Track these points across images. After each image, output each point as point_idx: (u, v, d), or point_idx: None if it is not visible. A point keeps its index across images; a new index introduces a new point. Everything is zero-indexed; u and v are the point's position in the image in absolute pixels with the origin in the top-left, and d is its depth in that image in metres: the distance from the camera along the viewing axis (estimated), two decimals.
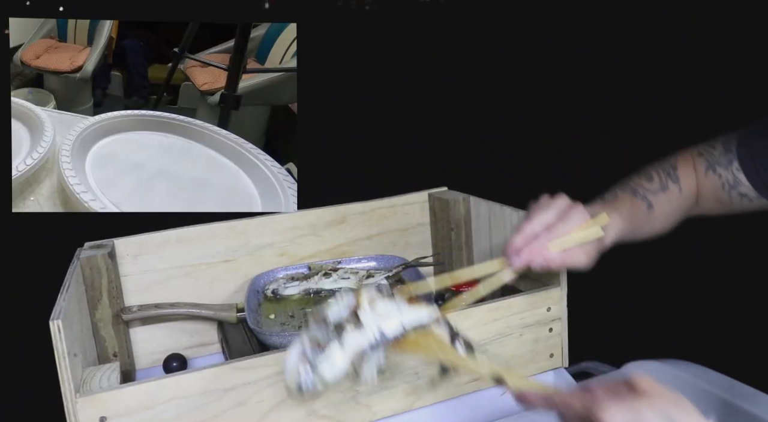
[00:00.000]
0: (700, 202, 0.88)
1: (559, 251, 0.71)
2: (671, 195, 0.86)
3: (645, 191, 0.85)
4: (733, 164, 0.83)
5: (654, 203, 0.84)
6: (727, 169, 0.83)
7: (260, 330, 0.92)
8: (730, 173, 0.83)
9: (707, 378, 0.98)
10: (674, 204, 0.86)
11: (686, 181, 0.87)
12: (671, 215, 0.86)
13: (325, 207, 1.13)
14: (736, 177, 0.82)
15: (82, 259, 0.91)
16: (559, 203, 0.73)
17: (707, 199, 0.87)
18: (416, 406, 0.88)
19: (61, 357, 0.70)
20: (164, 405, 0.74)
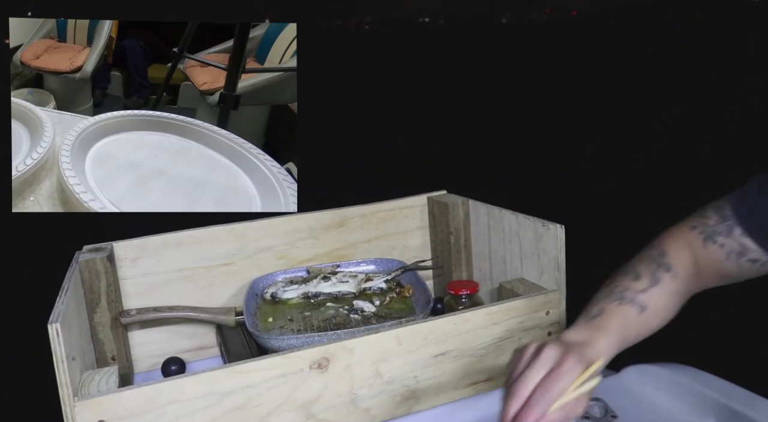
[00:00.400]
0: (701, 278, 0.81)
1: (558, 408, 0.66)
2: (665, 287, 0.79)
3: (634, 294, 0.78)
4: (735, 231, 0.76)
5: (647, 304, 0.77)
6: (729, 237, 0.77)
7: (259, 334, 0.92)
8: (734, 240, 0.77)
9: (705, 382, 0.98)
10: (670, 295, 0.79)
11: (680, 263, 0.80)
12: (670, 307, 0.80)
13: (324, 210, 1.13)
14: (742, 244, 0.76)
15: (80, 262, 0.91)
16: (547, 358, 0.67)
17: (709, 274, 0.81)
18: (414, 410, 0.88)
19: (59, 360, 0.70)
20: (162, 409, 0.74)
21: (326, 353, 0.81)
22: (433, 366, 0.87)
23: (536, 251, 0.98)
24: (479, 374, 0.90)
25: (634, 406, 0.98)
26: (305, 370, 0.80)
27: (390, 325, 0.89)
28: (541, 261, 0.97)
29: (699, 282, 0.81)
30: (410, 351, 0.85)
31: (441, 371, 0.88)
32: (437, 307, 1.08)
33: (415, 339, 0.85)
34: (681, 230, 0.82)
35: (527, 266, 1.00)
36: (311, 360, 0.80)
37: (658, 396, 1.00)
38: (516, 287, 0.99)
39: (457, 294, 1.01)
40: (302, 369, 0.80)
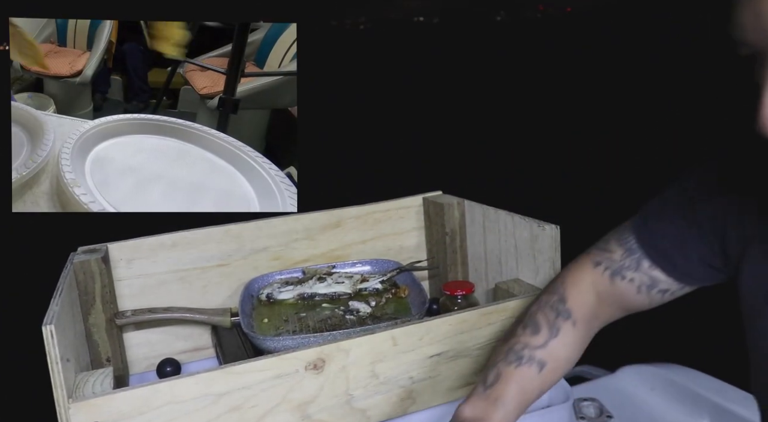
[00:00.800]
0: (605, 315, 0.78)
1: None
2: (565, 337, 0.75)
3: (532, 351, 0.75)
4: (643, 264, 0.73)
5: (546, 360, 0.75)
6: (638, 271, 0.73)
7: (254, 335, 0.92)
8: (643, 274, 0.73)
9: (700, 381, 0.98)
10: (571, 344, 0.76)
11: (580, 308, 0.77)
12: (571, 356, 0.77)
13: (320, 211, 1.13)
14: (652, 276, 0.73)
15: (75, 264, 0.91)
16: None
17: (615, 309, 0.77)
18: (411, 411, 0.88)
19: (53, 362, 0.70)
20: (158, 410, 0.74)
21: (322, 354, 0.81)
22: (429, 366, 0.87)
23: (532, 252, 0.98)
24: (475, 375, 0.90)
25: (630, 406, 0.98)
26: (301, 371, 0.80)
27: (386, 326, 0.89)
28: (537, 262, 0.97)
29: (602, 321, 0.79)
30: (406, 351, 0.85)
31: (437, 372, 0.88)
32: (433, 308, 1.08)
33: (410, 339, 0.85)
34: (583, 268, 0.78)
35: (523, 266, 1.00)
36: (307, 360, 0.80)
37: (653, 396, 1.00)
38: (511, 288, 0.99)
39: (453, 295, 1.01)
40: (298, 370, 0.79)
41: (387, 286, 1.09)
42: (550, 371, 0.75)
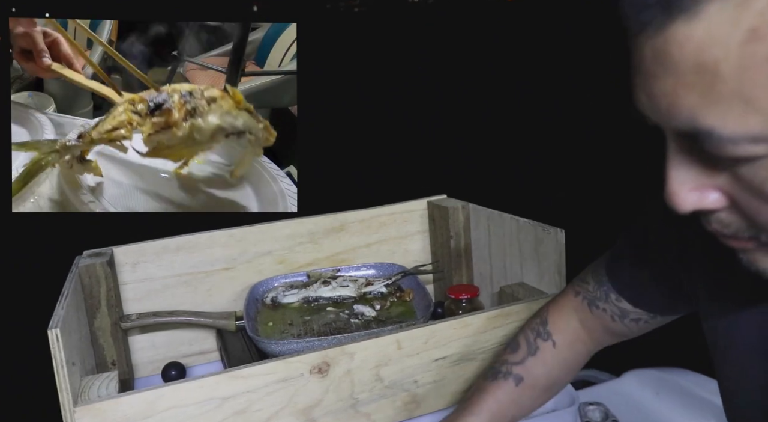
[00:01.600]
0: (595, 339, 0.79)
1: None
2: (544, 355, 0.78)
3: (509, 367, 0.78)
4: (611, 296, 0.74)
5: (523, 375, 0.77)
6: (607, 302, 0.75)
7: (259, 338, 0.92)
8: (612, 304, 0.75)
9: (706, 386, 0.98)
10: (551, 362, 0.78)
11: (562, 330, 0.79)
12: (554, 375, 0.79)
13: (324, 215, 1.13)
14: (620, 307, 0.74)
15: (80, 267, 0.91)
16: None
17: (601, 334, 0.79)
18: (415, 415, 0.88)
19: (59, 365, 0.70)
20: (163, 414, 0.74)
21: (326, 357, 0.80)
22: (434, 370, 0.87)
23: (536, 255, 0.98)
24: None
25: (635, 411, 0.98)
26: (305, 375, 0.80)
27: (390, 329, 0.88)
28: (542, 265, 0.97)
29: (593, 344, 0.80)
30: (410, 355, 0.85)
31: (441, 375, 0.88)
32: (437, 311, 1.08)
33: (415, 343, 0.85)
34: (565, 296, 0.81)
35: (527, 270, 1.00)
36: (311, 364, 0.80)
37: (659, 401, 1.00)
38: (516, 292, 0.99)
39: (458, 298, 1.01)
40: (302, 374, 0.79)
41: (391, 290, 1.09)
42: (528, 386, 0.77)
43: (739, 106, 0.36)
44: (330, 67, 1.79)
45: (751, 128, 0.36)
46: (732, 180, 0.41)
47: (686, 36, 0.36)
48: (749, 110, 0.36)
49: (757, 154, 0.37)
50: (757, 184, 0.39)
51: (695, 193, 0.42)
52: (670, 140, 0.42)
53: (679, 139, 0.40)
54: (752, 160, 0.38)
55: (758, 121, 0.36)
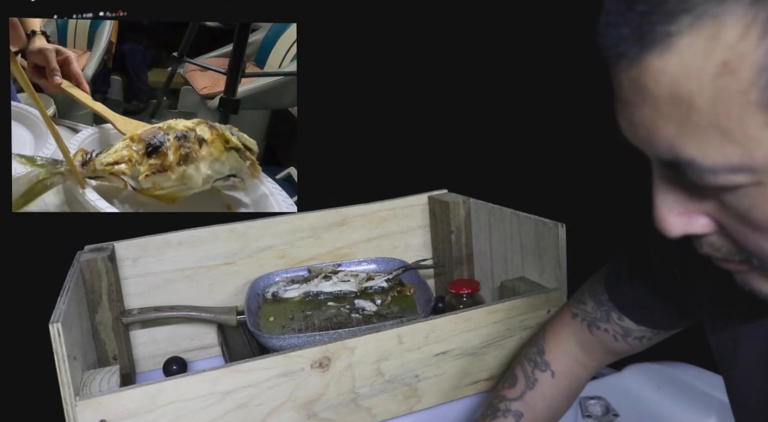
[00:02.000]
0: (593, 359, 0.79)
1: None
2: (543, 387, 0.77)
3: (508, 403, 0.76)
4: (612, 316, 0.74)
5: (523, 411, 0.76)
6: (608, 322, 0.74)
7: (260, 333, 0.92)
8: (614, 324, 0.74)
9: (707, 380, 0.98)
10: (551, 394, 0.77)
11: (560, 359, 0.78)
12: (555, 406, 0.78)
13: (325, 210, 1.13)
14: (623, 326, 0.73)
15: (82, 262, 0.91)
16: None
17: (602, 354, 0.78)
18: (416, 409, 0.88)
19: (60, 360, 0.70)
20: (164, 408, 0.74)
21: (327, 352, 0.81)
22: (435, 364, 0.87)
23: (537, 250, 0.98)
24: (480, 373, 0.90)
25: (636, 404, 0.98)
26: (306, 369, 0.80)
27: (391, 324, 0.89)
28: (543, 260, 0.97)
29: (593, 366, 0.79)
30: (411, 349, 0.85)
31: (442, 370, 0.88)
32: (438, 306, 1.08)
33: (416, 337, 0.85)
34: (562, 319, 0.80)
35: (528, 264, 1.00)
36: (312, 359, 0.80)
37: (660, 395, 1.00)
38: (517, 286, 0.99)
39: (458, 293, 1.01)
40: (303, 368, 0.80)
41: (392, 284, 1.09)
42: (529, 420, 0.76)
43: (716, 137, 0.36)
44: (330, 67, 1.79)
45: (729, 159, 0.36)
46: (718, 207, 0.41)
47: (660, 69, 0.36)
48: (726, 140, 0.36)
49: (739, 183, 0.37)
50: (742, 211, 0.39)
51: (683, 218, 0.42)
52: (654, 166, 0.42)
53: (663, 166, 0.40)
54: (735, 188, 0.38)
55: (736, 151, 0.36)
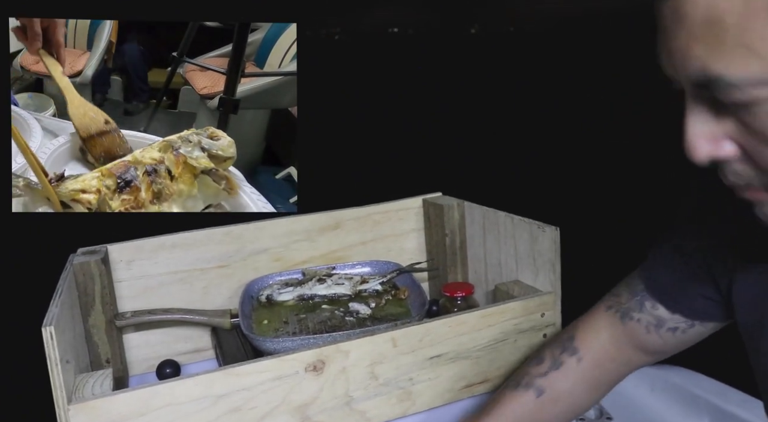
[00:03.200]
0: (624, 355, 0.79)
1: None
2: (567, 371, 0.77)
3: (531, 378, 0.78)
4: (646, 305, 0.74)
5: (545, 388, 0.77)
6: (641, 311, 0.75)
7: (254, 336, 0.92)
8: (647, 313, 0.74)
9: (700, 383, 0.98)
10: (576, 380, 0.77)
11: (589, 347, 0.78)
12: (578, 392, 0.78)
13: (320, 213, 1.13)
14: (656, 316, 0.74)
15: (75, 265, 0.91)
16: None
17: (633, 351, 0.78)
18: (410, 412, 0.88)
19: (53, 363, 0.69)
20: (157, 412, 0.74)
21: (321, 355, 0.80)
22: (429, 368, 0.87)
23: (531, 253, 0.98)
24: (475, 376, 0.90)
25: (629, 407, 0.98)
26: (300, 373, 0.80)
27: (385, 327, 0.89)
28: (537, 263, 0.97)
29: (624, 363, 0.79)
30: (405, 353, 0.85)
31: (436, 373, 0.88)
32: (432, 309, 1.08)
33: (410, 341, 0.85)
34: (596, 312, 0.80)
35: (522, 268, 1.00)
36: (306, 362, 0.80)
37: (653, 398, 1.00)
38: (511, 289, 0.99)
39: (453, 296, 1.01)
40: (297, 372, 0.79)
41: (387, 287, 1.09)
42: (550, 400, 0.76)
43: (741, 53, 0.40)
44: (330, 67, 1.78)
45: (753, 73, 0.40)
46: (742, 129, 0.44)
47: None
48: (751, 55, 0.39)
49: (760, 98, 0.41)
50: (762, 130, 0.43)
51: (710, 143, 0.46)
52: (687, 94, 0.46)
53: (695, 91, 0.45)
54: (757, 106, 0.42)
55: (758, 65, 0.40)
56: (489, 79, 2.80)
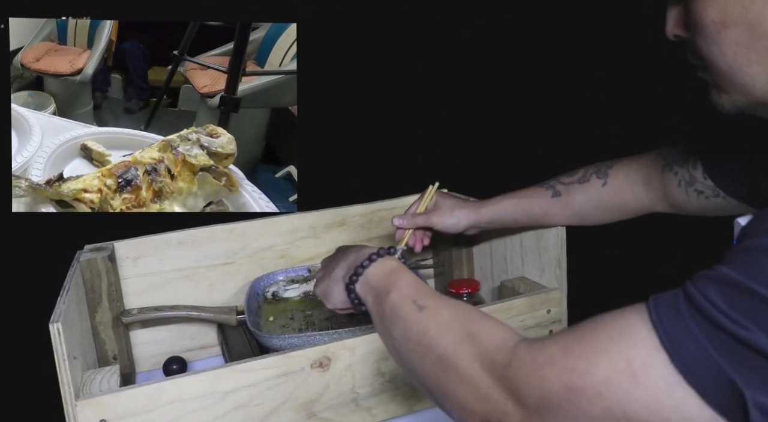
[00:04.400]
0: (651, 198, 0.86)
1: (423, 211, 0.95)
2: (588, 187, 0.88)
3: (556, 182, 0.90)
4: (690, 161, 0.81)
5: (562, 192, 0.89)
6: (683, 166, 0.82)
7: (260, 333, 0.92)
8: (686, 170, 0.81)
9: None
10: (591, 195, 0.88)
11: (620, 177, 0.87)
12: (588, 205, 0.88)
13: (325, 209, 1.13)
14: (692, 174, 0.81)
15: (82, 262, 0.91)
16: None
17: (659, 196, 0.85)
18: (416, 409, 0.88)
19: (60, 360, 0.70)
20: (164, 408, 0.74)
21: (327, 352, 0.81)
22: None
23: (537, 250, 0.98)
24: None
25: None
26: (306, 369, 0.80)
27: None
28: (542, 260, 0.97)
29: (645, 202, 0.87)
30: None
31: None
32: None
33: None
34: (646, 154, 0.88)
35: (528, 264, 1.00)
36: (312, 359, 0.80)
37: None
38: (517, 286, 0.99)
39: (458, 293, 1.01)
40: (303, 368, 0.80)
41: None
42: (561, 202, 0.89)
43: None
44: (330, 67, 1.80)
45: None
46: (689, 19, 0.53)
47: None
48: None
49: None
50: (693, 17, 0.51)
51: (673, 22, 0.56)
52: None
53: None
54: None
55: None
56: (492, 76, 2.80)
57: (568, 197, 0.89)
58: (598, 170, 0.89)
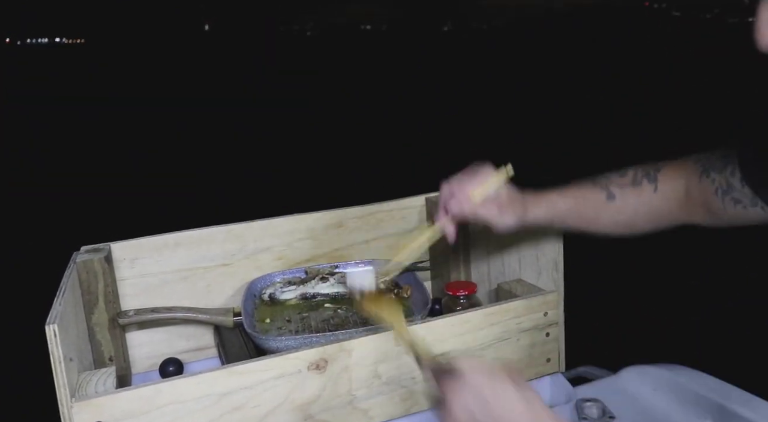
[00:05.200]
0: (690, 208, 0.85)
1: (479, 200, 0.85)
2: (641, 192, 0.85)
3: (609, 183, 0.86)
4: (728, 169, 0.79)
5: (617, 195, 0.85)
6: (721, 173, 0.80)
7: (257, 335, 0.92)
8: (724, 178, 0.79)
9: (703, 382, 0.98)
10: (643, 201, 0.85)
11: (667, 183, 0.85)
12: (640, 211, 0.85)
13: (323, 211, 1.12)
14: (730, 182, 0.79)
15: (78, 263, 0.91)
16: (469, 168, 0.86)
17: (699, 205, 0.84)
18: (413, 411, 0.88)
19: (56, 361, 0.70)
20: (160, 410, 0.74)
21: (324, 354, 0.81)
22: None
23: (534, 252, 0.98)
24: None
25: (632, 407, 0.98)
26: (303, 371, 0.80)
27: None
28: (540, 262, 0.97)
29: (688, 213, 0.85)
30: None
31: None
32: (435, 308, 1.08)
33: None
34: (684, 160, 0.86)
35: (525, 267, 1.00)
36: (309, 361, 0.80)
37: (656, 397, 1.00)
38: (514, 288, 0.99)
39: (455, 295, 1.01)
40: (300, 370, 0.80)
41: (390, 286, 1.09)
42: (616, 208, 0.85)
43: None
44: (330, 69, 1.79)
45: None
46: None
47: None
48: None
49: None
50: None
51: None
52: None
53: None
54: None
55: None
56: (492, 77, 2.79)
57: (622, 201, 0.85)
58: (647, 173, 0.86)
